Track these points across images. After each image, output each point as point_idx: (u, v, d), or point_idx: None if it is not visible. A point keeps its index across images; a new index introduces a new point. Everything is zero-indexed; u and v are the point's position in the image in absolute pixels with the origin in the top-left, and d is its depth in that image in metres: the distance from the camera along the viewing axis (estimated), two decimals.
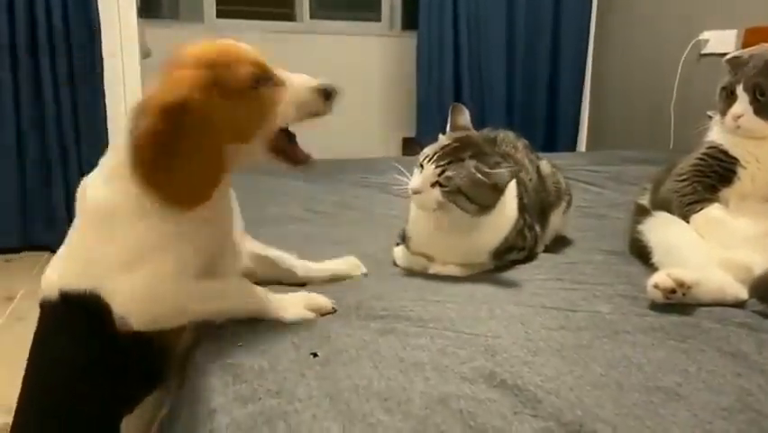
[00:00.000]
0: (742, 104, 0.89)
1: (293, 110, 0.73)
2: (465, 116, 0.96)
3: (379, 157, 1.90)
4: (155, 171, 0.66)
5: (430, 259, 0.94)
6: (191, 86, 0.66)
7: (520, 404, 0.54)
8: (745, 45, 2.43)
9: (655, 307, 0.77)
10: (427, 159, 0.86)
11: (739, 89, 0.89)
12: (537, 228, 1.02)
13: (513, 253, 0.96)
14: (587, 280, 0.88)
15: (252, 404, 0.56)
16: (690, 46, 2.55)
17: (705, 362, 0.63)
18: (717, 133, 0.96)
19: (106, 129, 2.41)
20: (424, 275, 0.91)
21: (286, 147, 0.77)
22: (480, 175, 0.83)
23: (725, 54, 1.01)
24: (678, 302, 0.77)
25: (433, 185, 0.84)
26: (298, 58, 3.56)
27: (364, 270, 0.91)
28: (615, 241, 1.07)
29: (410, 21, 3.18)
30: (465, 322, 0.71)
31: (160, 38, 2.96)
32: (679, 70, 2.58)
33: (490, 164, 0.85)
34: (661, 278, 0.76)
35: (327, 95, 0.75)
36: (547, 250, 1.05)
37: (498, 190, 0.86)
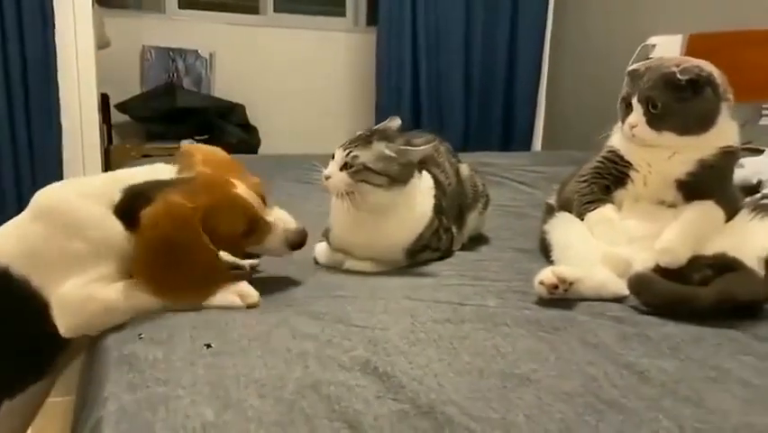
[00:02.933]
0: (636, 114, 0.95)
1: (272, 252, 0.87)
2: (395, 123, 1.02)
3: (326, 153, 1.93)
4: (157, 283, 0.76)
5: (348, 255, 1.00)
6: (186, 221, 0.76)
7: (385, 389, 0.60)
8: (689, 50, 2.54)
9: (541, 301, 0.83)
10: (340, 147, 0.93)
11: (635, 101, 0.96)
12: (454, 229, 1.08)
13: (427, 253, 1.02)
14: (488, 277, 0.94)
15: (140, 391, 0.60)
16: (637, 51, 2.65)
17: (565, 351, 0.69)
18: (616, 139, 1.02)
19: (59, 116, 2.40)
20: (338, 271, 0.96)
21: None
22: (389, 151, 0.90)
23: None
24: (562, 297, 0.83)
25: (342, 168, 0.90)
26: (262, 51, 3.56)
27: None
28: (528, 240, 1.14)
29: (375, 17, 3.22)
30: (359, 315, 0.76)
31: (121, 27, 2.95)
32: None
33: (399, 144, 0.92)
34: (545, 275, 0.83)
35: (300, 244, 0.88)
36: (463, 248, 1.11)
37: (410, 166, 0.92)
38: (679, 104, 0.92)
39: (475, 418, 0.56)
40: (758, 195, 1.33)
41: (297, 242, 0.87)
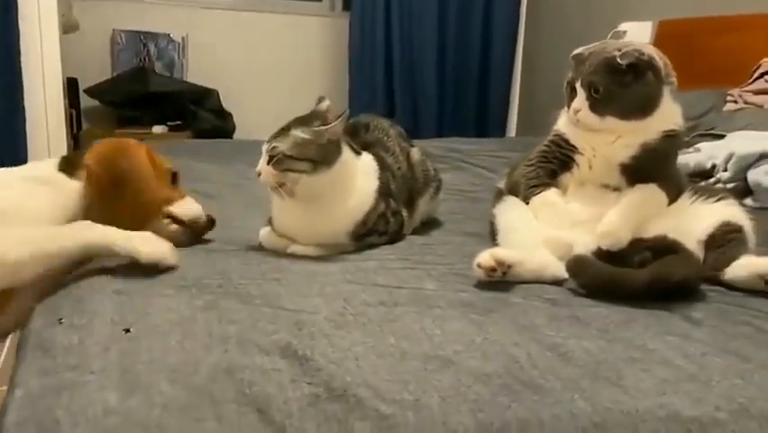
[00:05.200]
0: (580, 99, 0.95)
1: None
2: (324, 105, 1.00)
3: None
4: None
5: (293, 240, 0.98)
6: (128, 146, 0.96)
7: (301, 373, 0.59)
8: (658, 37, 2.55)
9: (480, 284, 0.83)
10: (266, 143, 0.92)
11: (578, 85, 0.95)
12: (405, 213, 1.07)
13: (374, 237, 1.01)
14: (432, 261, 0.93)
15: (49, 377, 0.58)
16: (609, 37, 2.65)
17: (493, 333, 0.68)
18: (562, 123, 1.02)
19: (23, 100, 2.33)
20: (280, 255, 0.94)
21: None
22: (304, 135, 0.90)
23: None
24: (500, 280, 0.83)
25: (268, 163, 0.90)
26: (236, 36, 3.49)
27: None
28: (481, 224, 1.13)
29: (351, 2, 3.17)
30: (291, 299, 0.75)
31: (90, 11, 2.88)
32: None
33: (314, 127, 0.93)
34: (483, 257, 0.82)
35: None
36: (414, 232, 1.10)
37: (330, 146, 0.92)
38: (620, 88, 0.91)
39: (388, 400, 0.55)
40: (712, 179, 1.33)
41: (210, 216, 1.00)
